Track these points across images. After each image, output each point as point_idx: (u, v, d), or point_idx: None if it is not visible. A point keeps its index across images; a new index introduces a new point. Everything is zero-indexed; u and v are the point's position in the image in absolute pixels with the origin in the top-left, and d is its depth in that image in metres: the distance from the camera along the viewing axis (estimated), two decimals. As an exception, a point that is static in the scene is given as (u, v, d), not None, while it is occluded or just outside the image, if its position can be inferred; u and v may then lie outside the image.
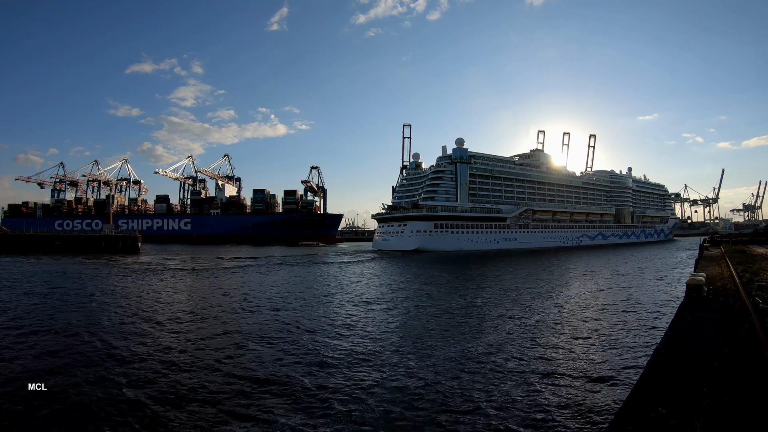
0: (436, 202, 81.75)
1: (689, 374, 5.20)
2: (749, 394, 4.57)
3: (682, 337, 7.01)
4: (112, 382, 10.77)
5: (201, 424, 8.55)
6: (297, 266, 46.11)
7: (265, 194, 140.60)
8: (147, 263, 48.88)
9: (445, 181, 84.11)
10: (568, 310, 20.43)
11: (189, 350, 13.70)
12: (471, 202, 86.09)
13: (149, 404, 9.42)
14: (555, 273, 39.16)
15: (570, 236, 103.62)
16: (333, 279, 34.45)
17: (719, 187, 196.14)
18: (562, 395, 9.76)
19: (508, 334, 15.46)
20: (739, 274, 12.03)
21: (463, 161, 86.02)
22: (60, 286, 28.96)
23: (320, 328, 16.67)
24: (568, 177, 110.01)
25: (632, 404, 4.45)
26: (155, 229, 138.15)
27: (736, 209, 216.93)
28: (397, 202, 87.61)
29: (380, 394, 9.93)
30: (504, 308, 20.74)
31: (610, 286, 29.49)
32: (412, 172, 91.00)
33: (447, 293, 26.25)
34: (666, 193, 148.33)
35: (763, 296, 7.80)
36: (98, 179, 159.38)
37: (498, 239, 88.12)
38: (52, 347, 13.88)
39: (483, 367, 11.80)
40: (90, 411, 9.14)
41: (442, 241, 79.27)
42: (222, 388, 10.34)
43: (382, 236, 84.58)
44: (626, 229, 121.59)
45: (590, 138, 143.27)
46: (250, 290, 27.61)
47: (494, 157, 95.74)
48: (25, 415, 8.88)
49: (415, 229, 78.67)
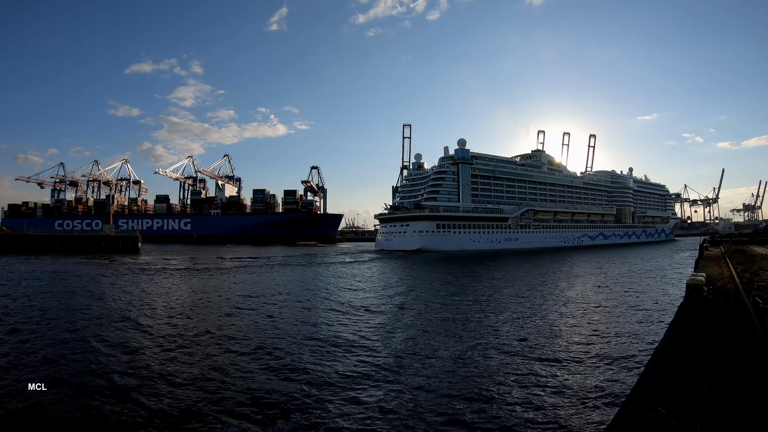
0: (439, 203, 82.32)
1: (689, 374, 5.20)
2: (749, 394, 4.57)
3: (682, 338, 7.01)
4: (112, 382, 10.77)
5: (201, 425, 8.55)
6: (297, 267, 46.09)
7: (265, 194, 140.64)
8: (147, 263, 48.89)
9: (448, 181, 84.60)
10: (568, 310, 20.43)
11: (189, 351, 13.69)
12: (473, 202, 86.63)
13: (149, 404, 9.42)
14: (555, 274, 39.14)
15: (571, 236, 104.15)
16: (338, 279, 34.45)
17: (719, 187, 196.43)
18: (562, 395, 9.76)
19: (509, 334, 15.46)
20: (739, 274, 12.04)
21: (465, 162, 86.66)
22: (60, 286, 28.96)
23: (323, 335, 16.66)
24: (569, 177, 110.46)
25: (632, 404, 4.45)
26: (155, 229, 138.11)
27: (736, 209, 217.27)
28: (399, 202, 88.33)
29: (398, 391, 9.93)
30: (504, 308, 20.73)
31: (609, 286, 29.49)
32: (415, 173, 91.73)
33: (448, 294, 26.25)
34: (667, 194, 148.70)
35: (763, 296, 7.80)
36: (98, 179, 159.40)
37: (500, 239, 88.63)
38: (52, 347, 13.87)
39: (482, 367, 11.80)
40: (90, 411, 9.13)
41: (444, 241, 79.74)
42: (222, 389, 10.34)
43: (384, 236, 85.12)
44: (627, 229, 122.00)
45: (590, 138, 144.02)
46: (250, 291, 27.62)
47: (496, 158, 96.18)
48: (25, 415, 8.88)
49: (418, 229, 79.32)
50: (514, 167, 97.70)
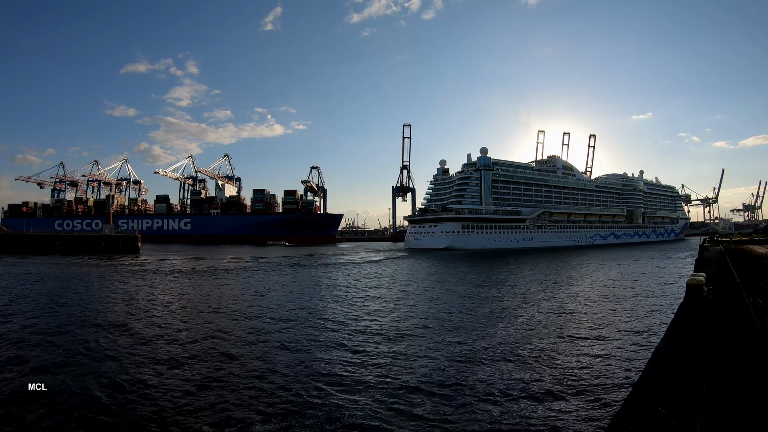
0: (463, 206, 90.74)
1: (689, 374, 5.19)
2: (749, 394, 4.56)
3: (682, 337, 7.01)
4: (112, 382, 10.76)
5: (201, 425, 8.55)
6: (301, 267, 46.07)
7: (265, 194, 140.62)
8: (147, 263, 48.89)
9: (471, 186, 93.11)
10: (571, 308, 20.42)
11: (189, 351, 13.68)
12: (494, 205, 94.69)
13: (149, 404, 9.42)
14: (565, 271, 40.16)
15: (584, 236, 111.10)
16: (372, 277, 34.45)
17: (719, 187, 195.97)
18: (562, 395, 9.75)
19: (513, 331, 15.45)
20: (739, 273, 12.04)
21: (487, 168, 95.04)
22: (59, 286, 28.96)
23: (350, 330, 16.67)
24: (582, 181, 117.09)
25: (632, 404, 4.45)
26: (155, 229, 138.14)
27: (735, 209, 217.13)
28: (427, 205, 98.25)
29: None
30: (510, 303, 20.75)
31: (612, 285, 29.49)
32: (440, 178, 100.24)
33: (471, 286, 26.33)
34: (676, 195, 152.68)
35: (763, 296, 7.80)
36: (98, 179, 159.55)
37: (518, 239, 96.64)
38: (51, 347, 13.86)
39: (480, 365, 11.80)
40: (90, 411, 9.13)
41: (468, 240, 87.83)
42: (224, 390, 10.34)
43: (414, 236, 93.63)
44: (637, 229, 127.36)
45: (590, 138, 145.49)
46: (251, 292, 27.62)
47: (514, 164, 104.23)
48: (26, 415, 8.88)
49: (445, 230, 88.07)
50: (531, 172, 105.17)
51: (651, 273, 37.60)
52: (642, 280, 32.66)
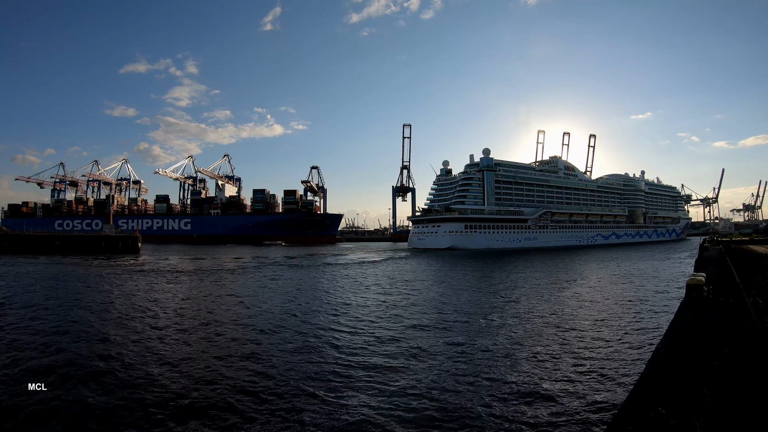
0: (466, 206, 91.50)
1: (689, 374, 5.19)
2: (749, 394, 4.56)
3: (682, 337, 7.01)
4: (112, 381, 10.77)
5: (201, 425, 8.55)
6: (301, 268, 46.06)
7: (265, 194, 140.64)
8: (147, 263, 48.89)
9: (474, 186, 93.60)
10: (571, 308, 20.42)
11: (190, 351, 13.69)
12: (496, 205, 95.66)
13: (148, 404, 9.42)
14: (567, 271, 40.12)
15: (585, 236, 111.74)
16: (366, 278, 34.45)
17: (719, 187, 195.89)
18: (562, 395, 9.75)
19: (513, 331, 15.45)
20: (739, 273, 12.03)
21: (490, 169, 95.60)
22: (59, 286, 28.96)
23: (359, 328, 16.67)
24: (583, 181, 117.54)
25: (632, 404, 4.45)
26: (155, 229, 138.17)
27: (736, 209, 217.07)
28: (430, 205, 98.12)
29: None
30: (510, 303, 20.75)
31: (612, 285, 29.50)
32: (443, 178, 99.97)
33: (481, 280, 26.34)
34: (678, 195, 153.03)
35: (763, 296, 7.80)
36: (98, 179, 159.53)
37: (520, 238, 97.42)
38: (51, 347, 13.86)
39: (480, 365, 11.80)
40: (89, 411, 9.13)
41: (471, 240, 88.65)
42: (224, 391, 10.33)
43: (417, 236, 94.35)
44: (639, 229, 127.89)
45: (590, 138, 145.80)
46: (251, 292, 27.62)
47: (517, 164, 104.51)
48: (26, 415, 8.88)
49: (448, 230, 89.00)
50: (533, 173, 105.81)
51: (651, 273, 37.61)
52: (642, 280, 32.67)
